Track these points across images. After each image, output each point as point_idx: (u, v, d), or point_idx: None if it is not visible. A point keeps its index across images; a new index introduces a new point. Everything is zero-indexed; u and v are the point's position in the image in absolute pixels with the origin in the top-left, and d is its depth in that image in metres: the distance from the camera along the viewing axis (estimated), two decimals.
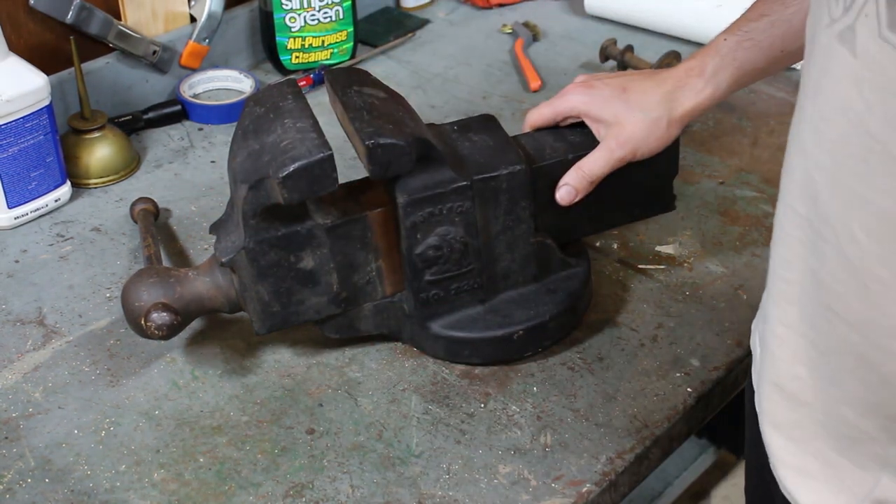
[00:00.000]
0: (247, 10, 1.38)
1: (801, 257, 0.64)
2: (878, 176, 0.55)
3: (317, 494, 0.82)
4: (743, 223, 1.11)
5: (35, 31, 1.20)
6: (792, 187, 0.64)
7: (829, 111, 0.58)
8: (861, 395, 0.62)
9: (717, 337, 0.96)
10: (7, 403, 0.90)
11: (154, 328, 0.86)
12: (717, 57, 0.92)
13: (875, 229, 0.56)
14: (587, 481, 0.83)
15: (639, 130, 0.92)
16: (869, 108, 0.54)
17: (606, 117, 0.93)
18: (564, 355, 0.94)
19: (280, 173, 0.80)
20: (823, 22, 0.57)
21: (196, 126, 1.29)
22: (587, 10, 1.52)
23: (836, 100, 0.57)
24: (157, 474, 0.84)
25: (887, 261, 0.56)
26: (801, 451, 0.69)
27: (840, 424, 0.65)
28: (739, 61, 0.92)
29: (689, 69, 0.93)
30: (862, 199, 0.56)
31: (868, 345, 0.60)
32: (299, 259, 0.87)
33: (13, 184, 1.08)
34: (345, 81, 0.90)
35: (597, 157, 0.93)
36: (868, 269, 0.57)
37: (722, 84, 0.93)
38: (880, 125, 0.54)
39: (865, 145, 0.55)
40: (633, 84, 0.94)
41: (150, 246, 1.00)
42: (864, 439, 0.64)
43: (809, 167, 0.61)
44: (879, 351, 0.59)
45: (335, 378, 0.92)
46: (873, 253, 0.57)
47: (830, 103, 0.58)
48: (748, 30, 0.92)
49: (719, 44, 0.93)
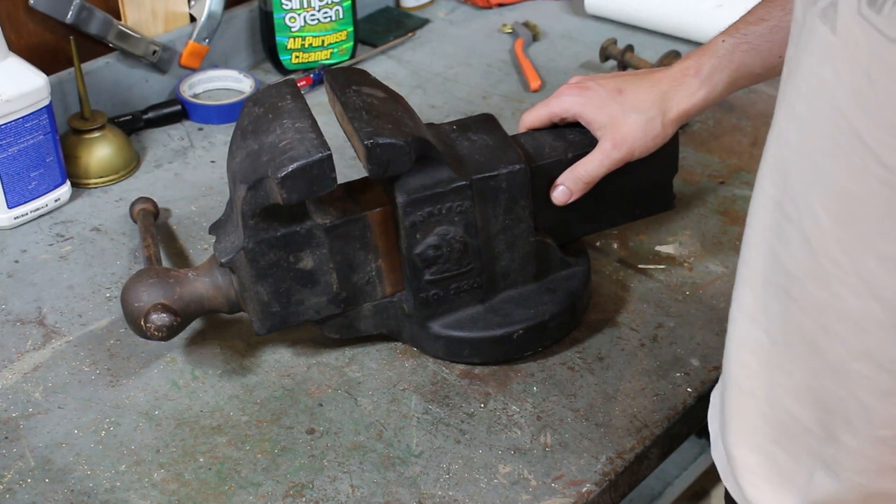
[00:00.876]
0: (247, 9, 1.38)
1: (765, 240, 0.64)
2: (843, 154, 0.55)
3: (317, 494, 0.82)
4: (743, 223, 1.10)
5: (35, 31, 1.20)
6: (765, 169, 0.64)
7: (804, 87, 0.58)
8: (806, 384, 0.62)
9: (717, 337, 0.96)
10: (7, 403, 0.90)
11: (154, 329, 0.86)
12: (714, 58, 0.92)
13: (835, 209, 0.56)
14: (587, 481, 0.83)
15: (634, 131, 0.92)
16: (840, 84, 0.54)
17: (601, 119, 0.93)
18: (564, 355, 0.94)
19: (279, 173, 0.80)
20: (809, 1, 0.57)
21: (196, 126, 1.29)
22: (587, 10, 1.52)
23: (812, 77, 0.57)
24: (157, 474, 0.84)
25: (845, 243, 0.56)
26: (743, 443, 0.70)
27: (781, 414, 0.65)
28: (736, 64, 0.92)
29: (685, 69, 0.94)
30: (826, 177, 0.56)
31: (819, 329, 0.60)
32: (299, 259, 0.87)
33: (13, 184, 1.08)
34: (344, 81, 0.90)
35: (593, 159, 0.93)
36: (826, 251, 0.57)
37: (718, 86, 0.93)
38: (849, 102, 0.54)
39: (833, 122, 0.55)
40: (627, 85, 0.94)
41: (149, 246, 1.00)
42: (802, 432, 0.64)
43: (781, 146, 0.61)
44: (829, 336, 0.59)
45: (335, 378, 0.92)
46: (832, 234, 0.57)
47: (805, 80, 0.58)
48: (746, 33, 0.92)
49: (717, 45, 0.93)
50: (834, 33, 0.54)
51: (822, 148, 0.56)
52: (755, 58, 0.92)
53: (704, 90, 0.93)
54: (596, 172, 0.93)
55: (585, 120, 0.95)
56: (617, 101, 0.93)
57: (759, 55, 0.92)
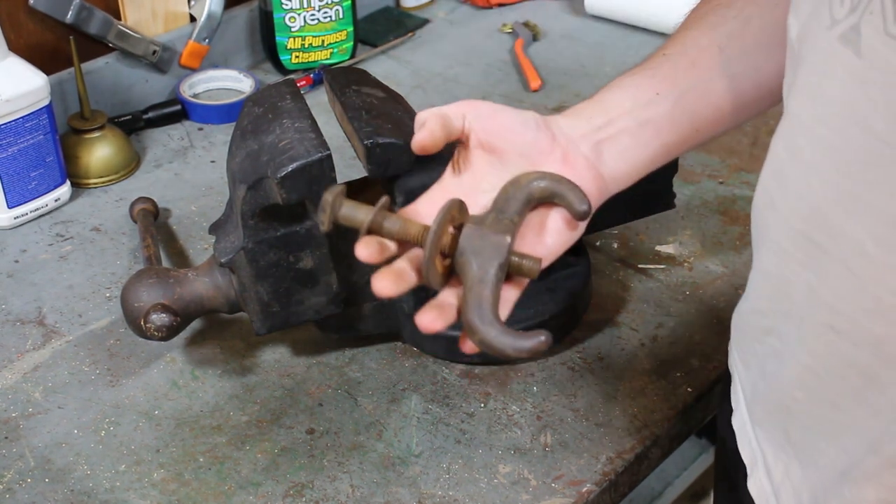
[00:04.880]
0: (247, 9, 1.38)
1: (800, 277, 0.60)
2: (888, 181, 0.52)
3: (317, 494, 0.82)
4: (743, 223, 1.11)
5: (35, 31, 1.20)
6: (791, 201, 0.60)
7: (831, 116, 0.55)
8: (862, 423, 0.59)
9: (717, 337, 0.96)
10: (7, 403, 0.90)
11: (153, 329, 0.86)
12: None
13: (886, 237, 0.53)
14: (587, 481, 0.83)
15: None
16: (875, 109, 0.52)
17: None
18: (564, 355, 0.94)
19: (278, 173, 0.80)
20: (823, 24, 0.55)
21: (196, 126, 1.29)
22: (587, 10, 1.52)
23: (838, 104, 0.54)
24: (157, 474, 0.84)
25: None
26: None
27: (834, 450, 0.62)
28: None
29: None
30: (869, 206, 0.54)
31: (879, 363, 0.56)
32: (298, 259, 0.87)
33: (13, 184, 1.08)
34: (344, 81, 0.90)
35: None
36: (878, 281, 0.54)
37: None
38: (887, 125, 0.51)
39: (871, 148, 0.52)
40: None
41: (149, 246, 1.00)
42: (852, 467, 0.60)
43: (809, 176, 0.58)
44: (892, 370, 0.56)
45: (335, 378, 0.92)
46: (885, 263, 0.54)
47: (831, 108, 0.55)
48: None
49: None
50: (859, 57, 0.52)
51: (862, 177, 0.54)
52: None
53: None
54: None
55: None
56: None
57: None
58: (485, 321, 0.66)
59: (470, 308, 0.66)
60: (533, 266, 0.68)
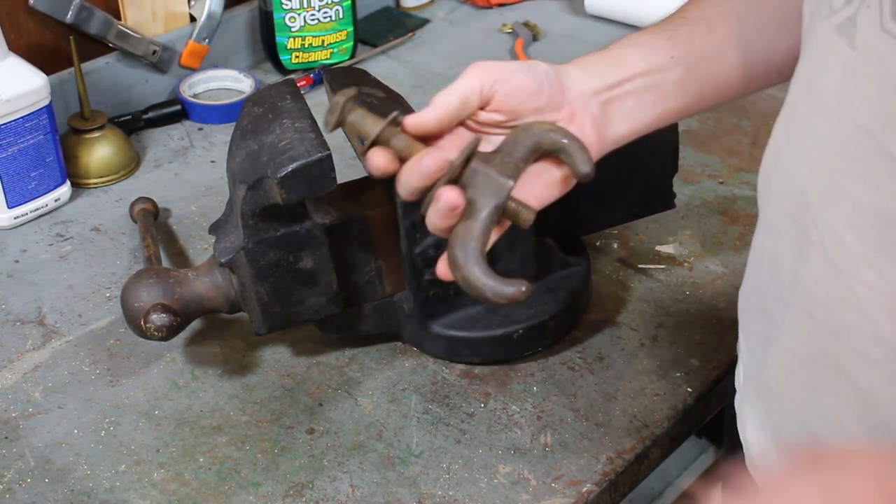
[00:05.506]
0: (247, 9, 1.38)
1: (788, 260, 0.61)
2: (871, 172, 0.52)
3: (317, 494, 0.82)
4: (743, 223, 1.11)
5: (35, 31, 1.20)
6: (782, 184, 0.61)
7: (823, 105, 0.55)
8: (835, 409, 0.59)
9: (717, 337, 0.96)
10: (7, 403, 0.90)
11: (153, 329, 0.86)
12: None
13: (864, 229, 0.54)
14: (587, 481, 0.83)
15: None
16: (865, 101, 0.52)
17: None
18: (564, 355, 0.94)
19: (279, 173, 0.80)
20: (822, 13, 0.55)
21: (196, 126, 1.29)
22: (587, 10, 1.52)
23: (831, 94, 0.55)
24: (157, 474, 0.84)
25: (875, 263, 0.54)
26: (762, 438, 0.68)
27: (807, 435, 0.62)
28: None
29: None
30: (851, 197, 0.54)
31: (849, 353, 0.57)
32: (298, 259, 0.87)
33: (13, 184, 1.08)
34: (344, 81, 0.90)
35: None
36: (854, 272, 0.55)
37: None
38: (876, 119, 0.51)
39: (858, 141, 0.53)
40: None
41: (149, 246, 1.00)
42: None
43: (799, 162, 0.59)
44: (860, 359, 0.56)
45: (335, 378, 0.92)
46: (861, 254, 0.54)
47: (825, 97, 0.55)
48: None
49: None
50: (853, 48, 0.52)
51: (847, 168, 0.54)
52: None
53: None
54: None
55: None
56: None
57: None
58: (469, 258, 0.66)
59: (457, 241, 0.66)
60: (528, 216, 0.69)
